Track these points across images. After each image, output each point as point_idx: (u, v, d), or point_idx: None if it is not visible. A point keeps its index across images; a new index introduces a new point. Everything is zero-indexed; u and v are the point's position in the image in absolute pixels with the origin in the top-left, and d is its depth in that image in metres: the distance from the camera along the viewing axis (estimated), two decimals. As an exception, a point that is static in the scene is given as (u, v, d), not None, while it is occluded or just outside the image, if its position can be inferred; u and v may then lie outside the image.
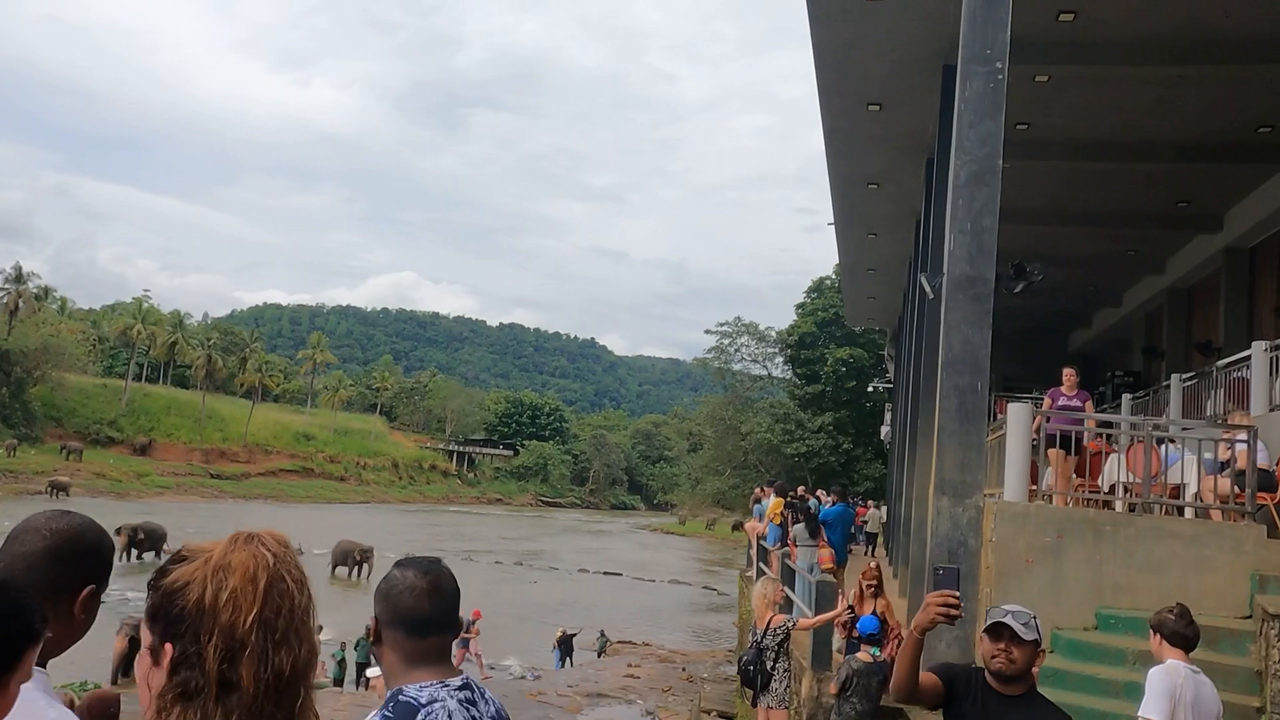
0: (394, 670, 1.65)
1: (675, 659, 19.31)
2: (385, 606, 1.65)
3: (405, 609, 1.62)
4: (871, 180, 12.57)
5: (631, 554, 49.70)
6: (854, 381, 41.37)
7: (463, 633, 17.28)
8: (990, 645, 2.76)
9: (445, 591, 1.66)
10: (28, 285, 69.82)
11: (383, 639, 1.66)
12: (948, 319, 6.06)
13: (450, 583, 1.69)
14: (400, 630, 1.63)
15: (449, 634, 1.68)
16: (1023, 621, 2.73)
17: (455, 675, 1.64)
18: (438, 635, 1.65)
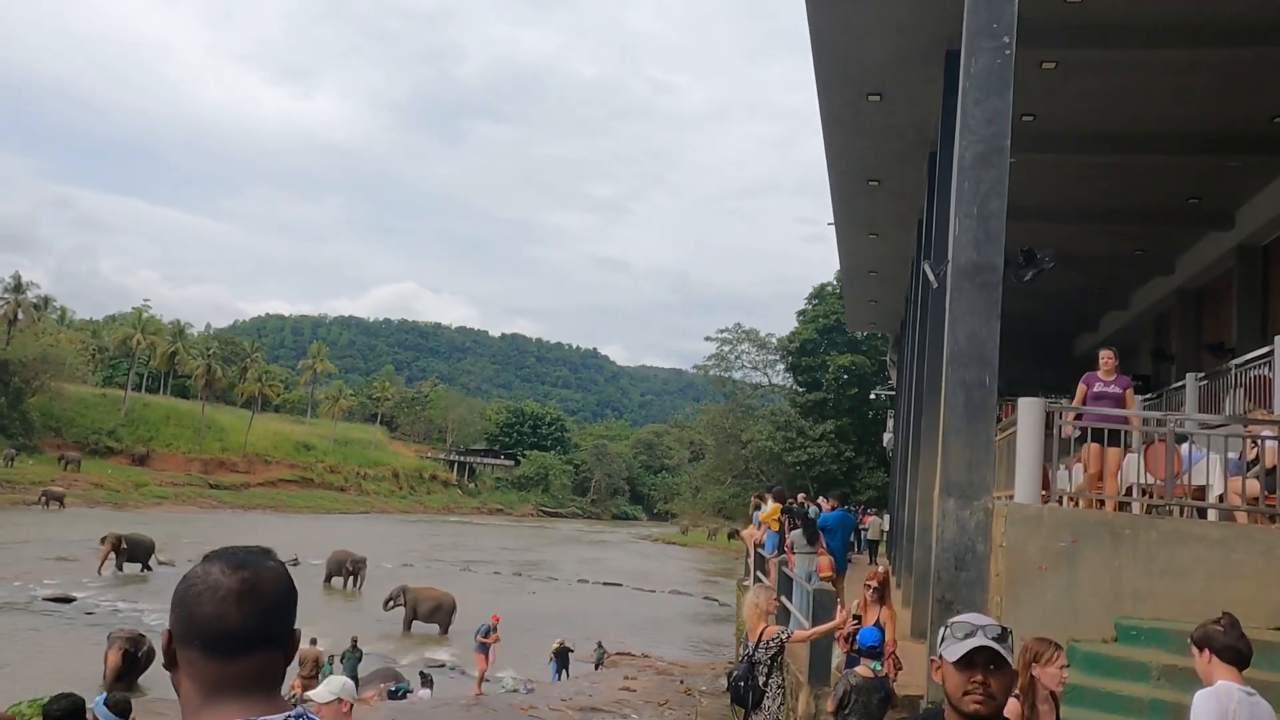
0: (189, 706, 1.18)
1: (674, 671, 18.84)
2: (177, 616, 1.19)
3: (203, 619, 1.16)
4: (872, 177, 12.18)
5: (632, 564, 49.18)
6: (856, 389, 40.92)
7: (481, 637, 16.85)
8: (961, 678, 1.93)
9: (264, 594, 1.19)
10: (27, 295, 69.64)
11: (176, 661, 1.19)
12: (953, 310, 5.68)
13: (274, 583, 1.21)
14: (196, 648, 1.16)
15: (269, 653, 1.20)
16: (1004, 641, 1.96)
17: (280, 710, 1.17)
18: (252, 655, 1.17)
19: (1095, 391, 6.80)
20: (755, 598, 6.23)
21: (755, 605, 6.13)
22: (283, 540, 41.51)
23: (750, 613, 6.16)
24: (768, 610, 6.13)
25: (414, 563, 39.96)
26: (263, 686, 1.19)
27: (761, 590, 6.48)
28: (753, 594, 6.41)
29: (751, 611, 6.13)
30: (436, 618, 24.85)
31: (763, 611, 6.04)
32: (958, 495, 5.53)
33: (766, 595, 6.30)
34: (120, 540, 29.98)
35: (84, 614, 23.19)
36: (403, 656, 21.50)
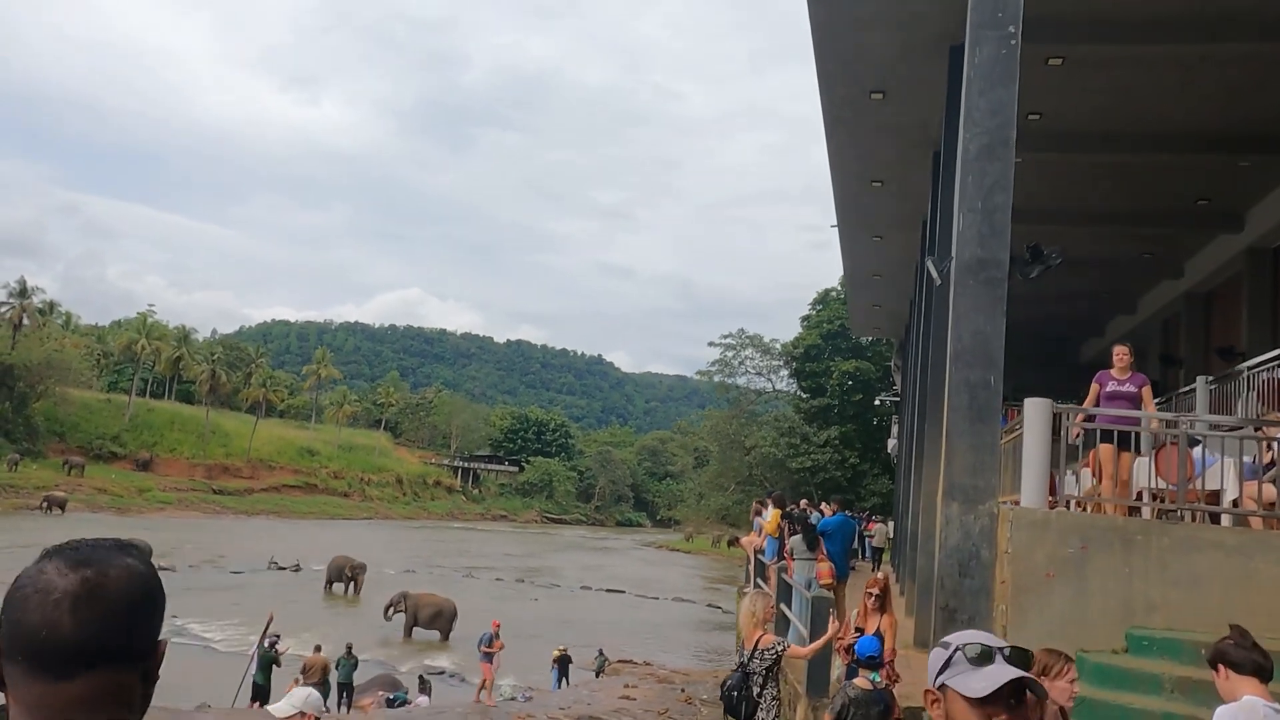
0: None
1: (675, 679, 18.61)
2: (3, 625, 0.94)
3: (30, 629, 0.92)
4: (875, 178, 11.99)
5: (635, 571, 48.94)
6: (860, 395, 40.66)
7: (485, 646, 16.64)
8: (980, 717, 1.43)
9: (109, 599, 0.94)
10: (32, 299, 69.69)
11: (2, 680, 0.94)
12: (957, 307, 5.48)
13: (124, 584, 0.96)
14: (20, 664, 0.92)
15: (116, 671, 0.96)
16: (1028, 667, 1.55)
17: None
18: (91, 674, 0.93)
19: (1109, 391, 6.39)
20: (751, 605, 5.95)
21: (751, 613, 5.84)
22: (285, 546, 41.42)
23: (746, 620, 5.89)
24: (765, 618, 5.86)
25: (416, 569, 39.80)
26: (106, 713, 0.95)
27: (759, 597, 6.17)
28: (749, 601, 6.10)
29: (747, 619, 5.86)
30: (437, 624, 24.65)
31: (759, 620, 5.77)
32: (962, 499, 5.32)
33: (764, 602, 6.02)
34: None
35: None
36: (402, 663, 21.29)
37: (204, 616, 24.44)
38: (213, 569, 34.67)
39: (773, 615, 6.13)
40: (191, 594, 28.15)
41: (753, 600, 6.04)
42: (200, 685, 17.31)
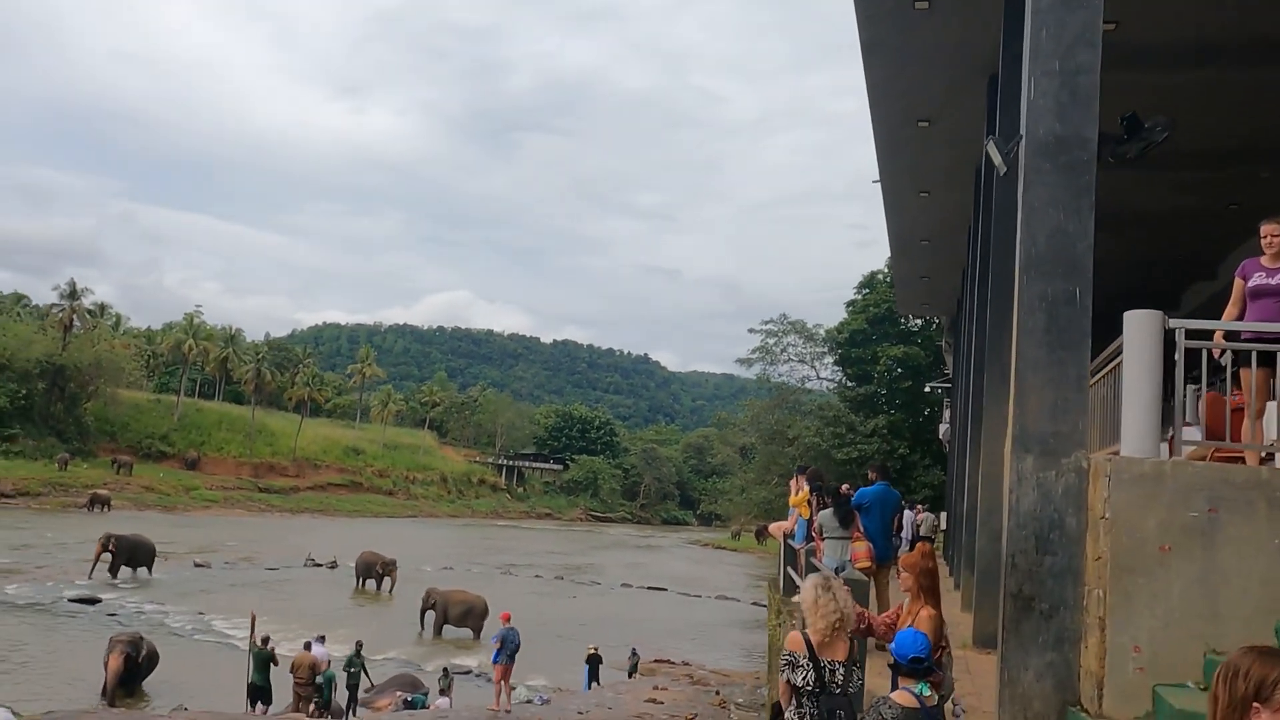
0: None
1: (711, 681, 17.40)
2: None
3: None
4: (922, 115, 10.60)
5: (679, 569, 47.81)
6: (909, 382, 38.87)
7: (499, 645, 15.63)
8: None
9: None
10: (82, 301, 70.72)
11: None
12: (1029, 201, 4.20)
13: None
14: None
15: None
16: None
17: None
18: None
19: (1254, 285, 4.55)
20: (817, 597, 3.78)
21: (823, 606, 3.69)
22: (326, 544, 41.02)
23: (817, 617, 3.70)
24: (848, 616, 3.74)
25: (455, 566, 39.11)
26: None
27: (828, 588, 3.83)
28: (816, 591, 3.82)
29: (820, 613, 3.69)
30: (468, 622, 23.72)
31: (844, 618, 3.71)
32: (1039, 451, 4.04)
33: (844, 594, 3.83)
34: (110, 540, 27.90)
35: (106, 615, 22.55)
36: (428, 662, 20.38)
37: (229, 613, 23.82)
38: (248, 566, 34.26)
39: (857, 613, 3.91)
40: (222, 591, 27.71)
41: (819, 590, 3.80)
42: (214, 682, 16.57)
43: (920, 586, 4.20)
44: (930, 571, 4.24)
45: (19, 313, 75.98)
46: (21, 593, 24.29)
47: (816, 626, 3.73)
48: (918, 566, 4.20)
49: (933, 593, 4.19)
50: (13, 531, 37.64)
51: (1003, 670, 4.08)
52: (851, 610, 3.79)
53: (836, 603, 3.75)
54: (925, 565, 4.22)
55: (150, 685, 15.85)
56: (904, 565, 4.32)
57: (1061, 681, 4.01)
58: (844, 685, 3.66)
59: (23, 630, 19.83)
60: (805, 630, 3.81)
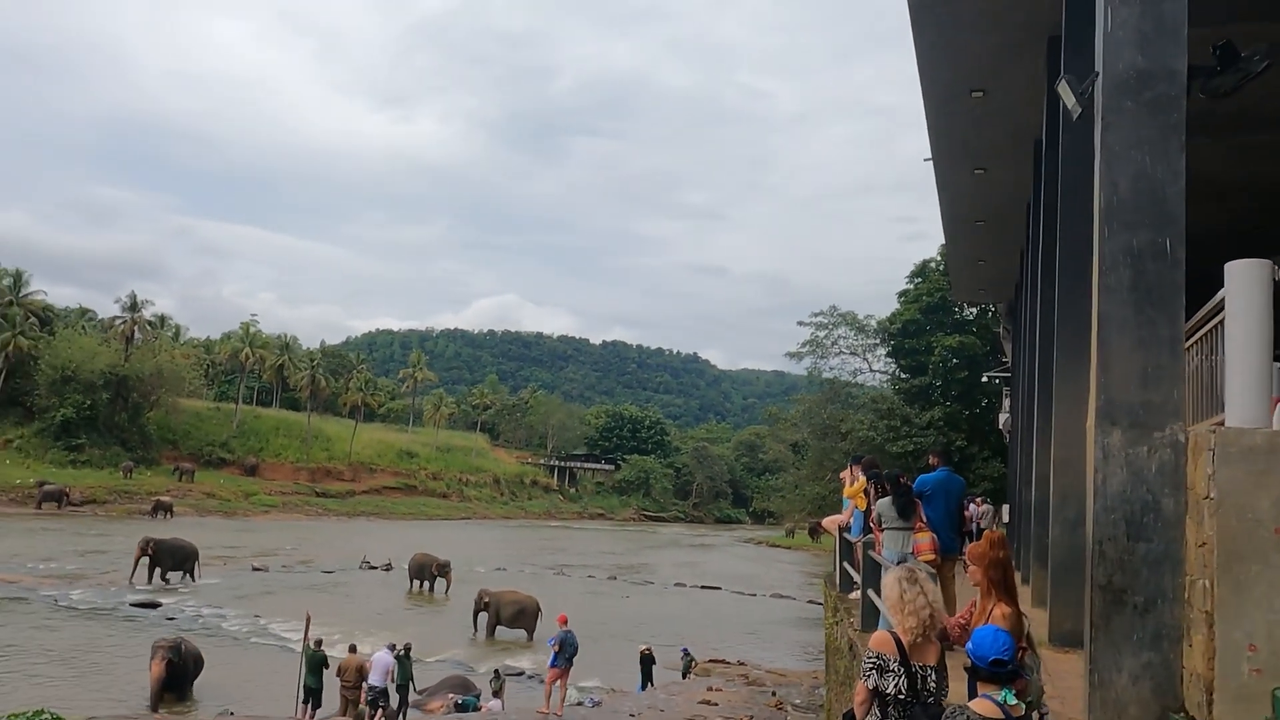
0: None
1: (767, 681, 16.95)
2: None
3: None
4: (975, 85, 10.02)
5: (733, 568, 47.32)
6: (965, 372, 37.78)
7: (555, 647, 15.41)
8: None
9: None
10: (143, 314, 72.52)
11: None
12: (1108, 143, 3.73)
13: None
14: None
15: None
16: None
17: None
18: None
19: None
20: (901, 591, 3.34)
21: (912, 601, 3.27)
22: (381, 546, 41.38)
23: (905, 614, 3.27)
24: (934, 612, 3.31)
25: (508, 567, 39.12)
26: None
27: (914, 581, 3.38)
28: (898, 585, 3.39)
29: (906, 609, 3.27)
30: (521, 622, 23.55)
31: (933, 614, 3.28)
32: (1127, 424, 3.58)
33: (931, 588, 3.41)
34: (149, 544, 27.97)
35: (165, 619, 22.82)
36: (481, 664, 20.24)
37: (286, 617, 23.96)
38: (306, 569, 34.61)
39: (938, 613, 3.36)
40: (278, 594, 27.96)
41: (904, 584, 3.33)
42: (266, 685, 16.59)
43: (991, 580, 3.72)
44: (1001, 562, 3.76)
45: (84, 326, 78.11)
46: (86, 598, 24.76)
47: (905, 626, 3.29)
48: (986, 558, 3.74)
49: (1006, 587, 3.72)
50: (80, 538, 38.59)
51: (1092, 672, 3.62)
52: (942, 606, 3.34)
53: (925, 597, 3.29)
54: (995, 556, 3.75)
55: (201, 688, 15.89)
56: (971, 557, 3.85)
57: (1161, 685, 3.54)
58: (937, 693, 3.22)
59: (84, 634, 20.14)
60: (893, 630, 3.36)
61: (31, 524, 43.57)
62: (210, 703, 15.15)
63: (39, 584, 26.14)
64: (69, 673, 16.51)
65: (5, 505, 49.64)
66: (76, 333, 71.38)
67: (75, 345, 65.71)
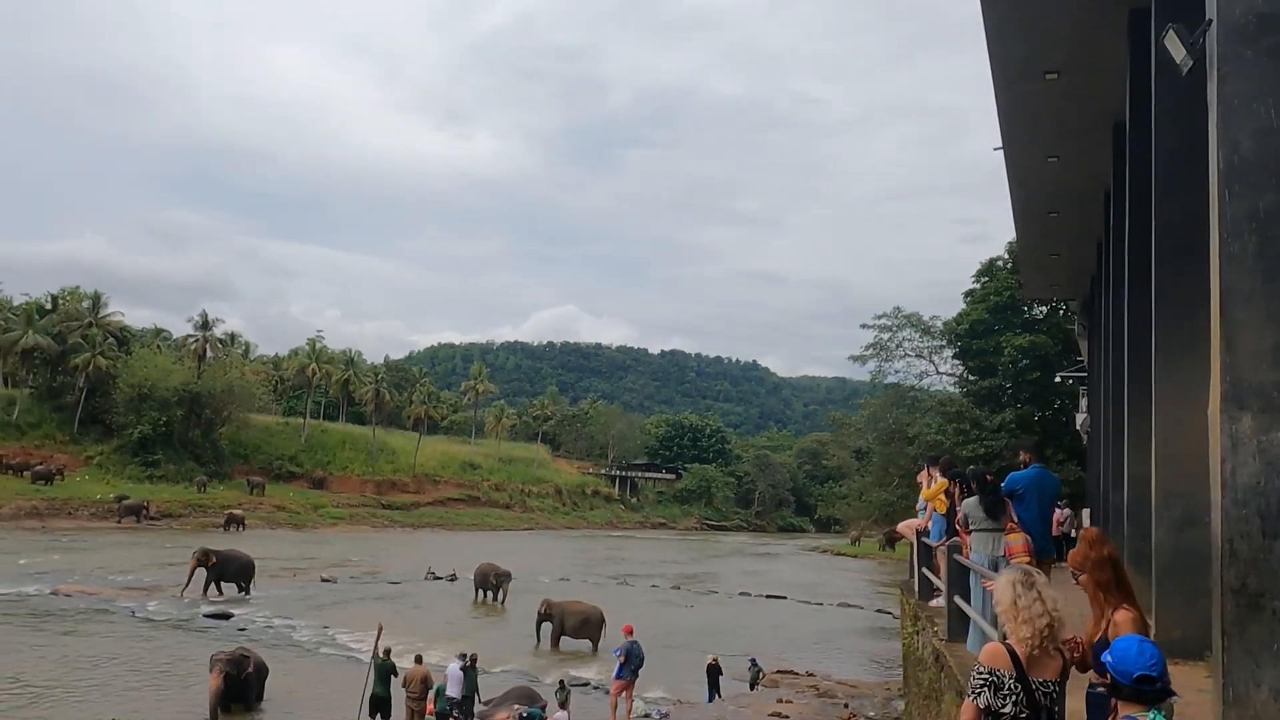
0: None
1: (838, 693, 16.44)
2: None
3: None
4: (1049, 67, 9.55)
5: (798, 576, 46.59)
6: (1037, 372, 36.59)
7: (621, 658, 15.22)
8: None
9: None
10: (214, 332, 74.61)
11: None
12: (1225, 97, 3.36)
13: None
14: None
15: None
16: None
17: None
18: None
19: None
20: (1015, 594, 2.95)
21: (1025, 608, 2.89)
22: (446, 557, 41.66)
23: (1018, 622, 2.90)
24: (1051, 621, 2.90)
25: (571, 577, 39.05)
26: None
27: (1030, 585, 2.98)
28: (1011, 588, 2.98)
29: (1021, 616, 2.89)
30: (585, 632, 23.34)
31: (1052, 622, 2.88)
32: (1259, 408, 3.20)
33: (1049, 594, 2.97)
34: (207, 555, 27.89)
35: (237, 630, 23.16)
36: (546, 675, 20.07)
37: (354, 627, 24.17)
38: (373, 580, 34.98)
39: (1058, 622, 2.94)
40: (346, 605, 28.24)
41: (1020, 588, 2.95)
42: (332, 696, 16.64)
43: (1099, 583, 3.28)
44: (1106, 560, 3.33)
45: (159, 346, 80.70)
46: (162, 609, 25.30)
47: (1020, 636, 2.89)
48: (1089, 558, 3.32)
49: (1120, 586, 3.26)
50: (158, 551, 39.61)
51: (1225, 687, 3.23)
52: (1063, 613, 2.90)
53: (1044, 604, 2.89)
54: (1099, 554, 3.28)
55: (268, 698, 15.99)
56: (1073, 565, 3.41)
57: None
58: (1060, 713, 2.84)
59: (159, 645, 20.52)
60: (1007, 641, 2.95)
61: (113, 537, 44.94)
62: (276, 713, 15.24)
63: (118, 596, 26.80)
64: (143, 683, 16.80)
65: (88, 520, 51.32)
66: (152, 352, 73.75)
67: (151, 364, 67.82)
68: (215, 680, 14.02)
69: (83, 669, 17.46)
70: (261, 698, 15.54)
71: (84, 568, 32.25)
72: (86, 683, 16.43)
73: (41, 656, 18.28)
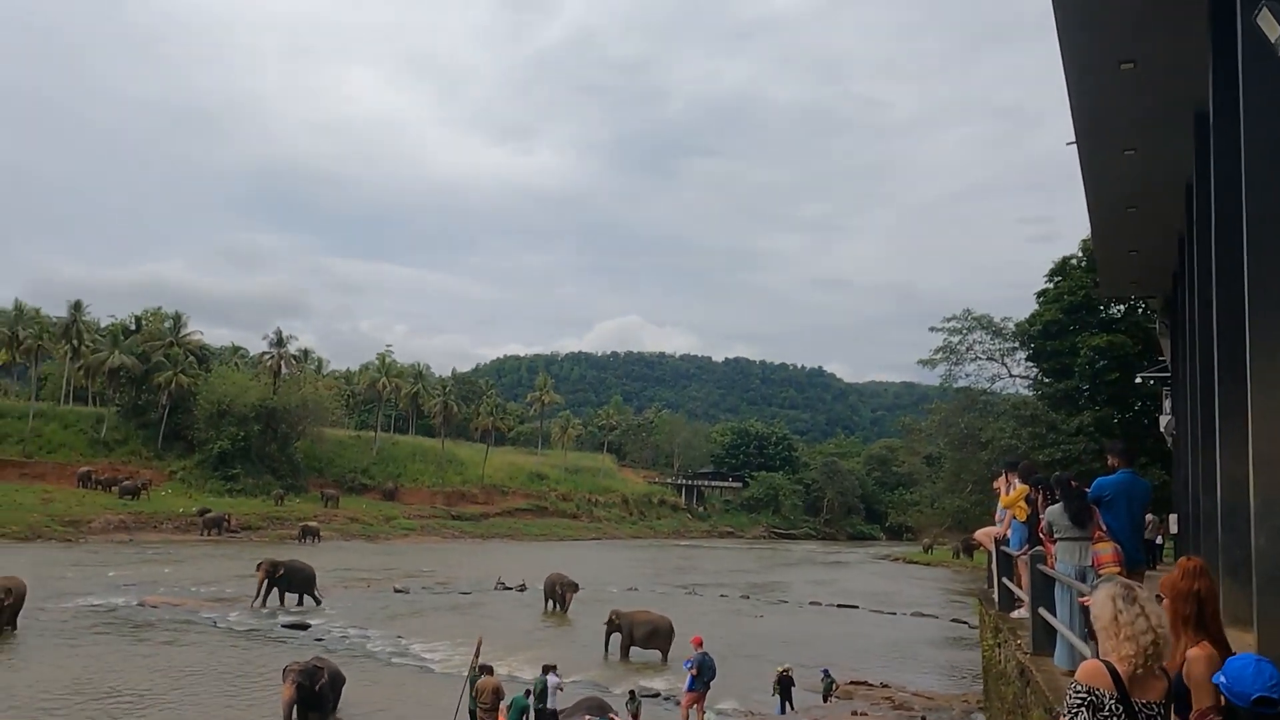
0: None
1: (915, 705, 16.05)
2: None
3: None
4: (1125, 56, 9.21)
5: (869, 585, 45.78)
6: (1116, 373, 35.29)
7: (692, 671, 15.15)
8: None
9: None
10: (288, 349, 76.77)
11: None
12: (1325, 76, 3.15)
13: None
14: None
15: None
16: None
17: None
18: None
19: None
20: (1116, 607, 2.75)
21: (1116, 621, 2.70)
22: (516, 567, 42.03)
23: (1125, 636, 2.68)
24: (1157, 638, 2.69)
25: (639, 586, 38.99)
26: None
27: (1133, 600, 2.76)
28: (1111, 601, 2.78)
29: (1129, 633, 2.68)
30: (654, 643, 23.23)
31: (1157, 638, 2.67)
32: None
33: (1154, 610, 2.77)
34: (276, 566, 28.52)
35: (314, 640, 23.62)
36: (615, 685, 20.02)
37: (427, 637, 24.49)
38: (444, 590, 35.41)
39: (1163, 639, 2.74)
40: (418, 615, 28.63)
41: (1122, 601, 2.74)
42: (409, 705, 16.85)
43: (1179, 615, 3.08)
44: (1190, 595, 3.10)
45: (236, 363, 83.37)
46: (241, 619, 25.96)
47: (1122, 653, 2.69)
48: (1176, 588, 3.08)
49: (1201, 624, 3.08)
50: (237, 562, 40.74)
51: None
52: (1168, 630, 2.71)
53: (1148, 619, 2.67)
54: (1186, 587, 3.12)
55: (344, 707, 16.22)
56: (1162, 588, 3.18)
57: None
58: None
59: (239, 655, 21.03)
60: (1106, 659, 2.73)
61: (197, 549, 46.42)
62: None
63: (201, 607, 27.60)
64: (225, 692, 17.22)
65: (172, 532, 53.10)
66: (230, 369, 76.24)
67: (229, 381, 70.09)
68: (288, 690, 14.29)
69: (172, 678, 18.02)
70: (336, 708, 15.78)
71: (169, 580, 33.33)
72: (174, 691, 16.93)
73: (135, 666, 18.93)
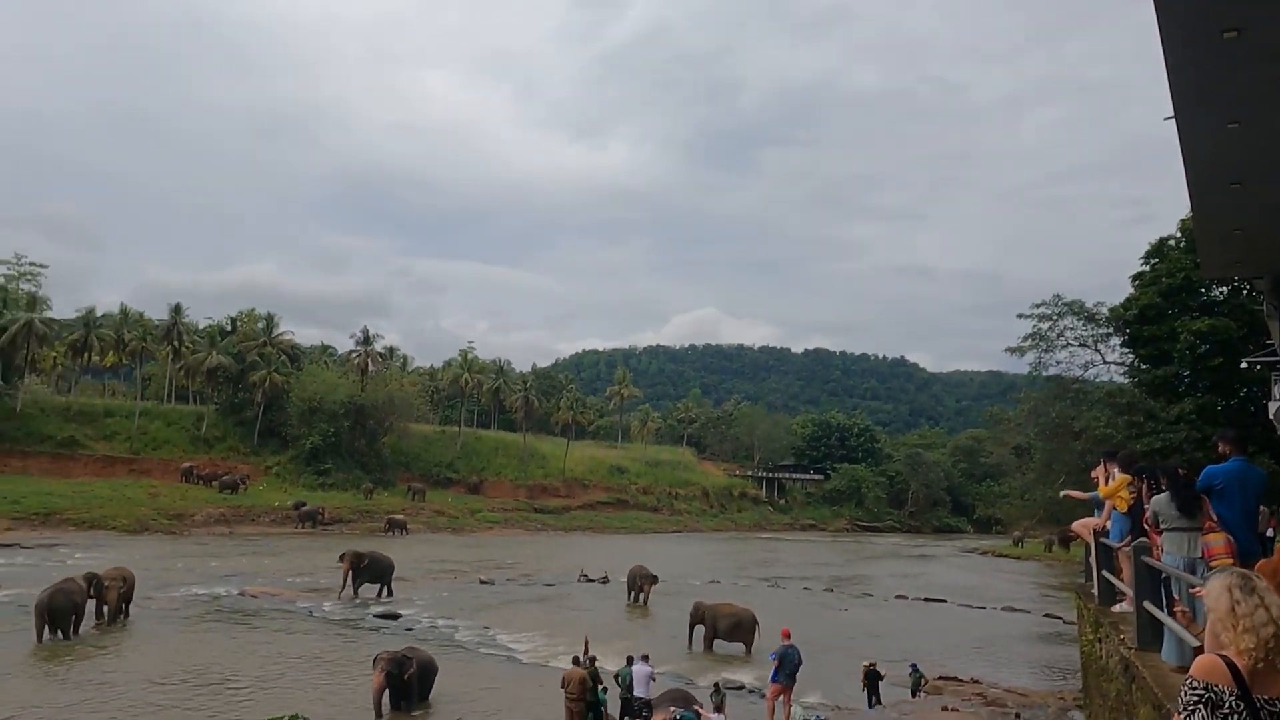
0: None
1: (1008, 701, 15.65)
2: None
3: None
4: (1228, 25, 8.73)
5: (957, 578, 44.81)
6: (1219, 359, 33.51)
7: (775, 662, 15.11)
8: None
9: None
10: (374, 347, 78.89)
11: None
12: None
13: None
14: None
15: None
16: None
17: None
18: None
19: None
20: (1229, 598, 2.64)
21: (1247, 615, 2.57)
22: (598, 559, 42.44)
23: (1244, 628, 2.57)
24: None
25: (721, 579, 38.96)
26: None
27: (1251, 590, 2.64)
28: (1225, 590, 2.67)
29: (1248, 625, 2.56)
30: (738, 635, 23.19)
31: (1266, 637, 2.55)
32: None
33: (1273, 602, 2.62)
34: (360, 558, 29.30)
35: (405, 630, 24.26)
36: (700, 677, 20.06)
37: (513, 628, 24.94)
38: (528, 582, 35.98)
39: None
40: (505, 606, 29.16)
41: (1236, 592, 2.63)
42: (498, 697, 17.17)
43: None
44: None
45: (325, 362, 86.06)
46: (335, 609, 26.86)
47: (1241, 647, 2.57)
48: (1277, 576, 2.91)
49: None
50: (329, 554, 42.09)
51: None
52: None
53: (1268, 610, 2.55)
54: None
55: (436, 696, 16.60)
56: (1264, 576, 2.97)
57: None
58: None
59: (335, 643, 21.74)
60: (1224, 653, 2.61)
61: (292, 541, 48.24)
62: (444, 710, 15.83)
63: (297, 597, 28.64)
64: (321, 678, 17.84)
65: (269, 525, 55.24)
66: (320, 368, 78.75)
67: (319, 379, 72.47)
68: (378, 678, 14.69)
69: (277, 664, 18.80)
70: (427, 697, 16.17)
71: (267, 570, 34.70)
72: (274, 676, 17.63)
73: (243, 653, 19.74)
